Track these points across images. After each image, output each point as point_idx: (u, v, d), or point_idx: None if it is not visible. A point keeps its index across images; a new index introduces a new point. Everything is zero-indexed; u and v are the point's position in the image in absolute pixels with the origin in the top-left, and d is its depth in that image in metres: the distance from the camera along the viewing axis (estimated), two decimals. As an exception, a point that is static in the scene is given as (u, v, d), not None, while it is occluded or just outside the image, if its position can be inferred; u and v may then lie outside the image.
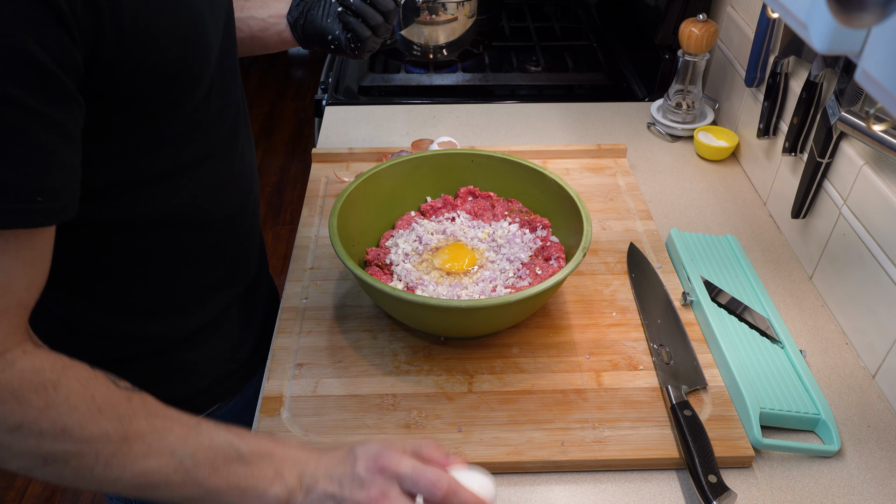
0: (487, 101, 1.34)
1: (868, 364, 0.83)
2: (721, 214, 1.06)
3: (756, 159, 1.11)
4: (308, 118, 3.38)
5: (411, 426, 0.74)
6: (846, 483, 0.71)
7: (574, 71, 1.48)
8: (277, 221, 2.75)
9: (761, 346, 0.81)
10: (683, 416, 0.72)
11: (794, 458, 0.73)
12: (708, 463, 0.68)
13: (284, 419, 0.74)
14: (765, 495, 0.70)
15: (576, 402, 0.77)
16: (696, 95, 1.21)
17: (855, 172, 0.84)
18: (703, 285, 0.88)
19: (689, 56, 1.16)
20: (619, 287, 0.91)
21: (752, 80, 1.08)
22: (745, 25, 1.13)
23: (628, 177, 1.10)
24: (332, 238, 0.79)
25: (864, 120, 0.79)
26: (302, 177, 2.95)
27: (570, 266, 0.77)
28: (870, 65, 0.33)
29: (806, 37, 0.35)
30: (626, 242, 0.98)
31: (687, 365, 0.80)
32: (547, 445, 0.72)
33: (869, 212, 0.82)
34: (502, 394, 0.77)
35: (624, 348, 0.83)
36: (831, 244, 0.89)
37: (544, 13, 1.72)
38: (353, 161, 1.13)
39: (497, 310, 0.75)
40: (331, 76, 1.40)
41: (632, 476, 0.72)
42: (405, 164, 0.93)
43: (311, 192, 1.07)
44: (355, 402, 0.76)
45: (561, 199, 0.88)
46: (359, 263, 0.87)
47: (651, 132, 1.25)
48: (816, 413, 0.74)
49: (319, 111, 1.32)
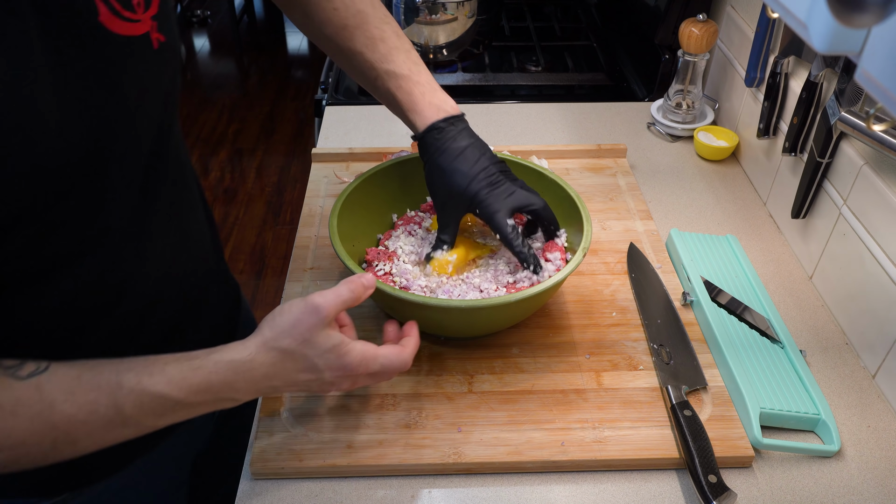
0: (487, 101, 1.34)
1: (868, 364, 0.83)
2: (721, 214, 1.06)
3: (756, 159, 1.11)
4: (308, 118, 3.38)
5: (411, 426, 0.74)
6: (846, 483, 0.71)
7: (574, 71, 1.48)
8: (277, 221, 2.76)
9: (761, 346, 0.81)
10: (683, 416, 0.72)
11: (794, 458, 0.73)
12: (708, 463, 0.68)
13: (284, 419, 0.74)
14: (765, 495, 0.70)
15: (576, 402, 0.77)
16: (696, 95, 1.21)
17: (855, 172, 0.84)
18: (703, 285, 0.88)
19: (689, 56, 1.16)
20: (619, 287, 0.91)
21: (752, 80, 1.08)
22: (745, 25, 1.13)
23: (628, 177, 1.10)
24: (332, 238, 0.79)
25: (864, 120, 0.79)
26: (302, 177, 2.95)
27: (569, 266, 0.77)
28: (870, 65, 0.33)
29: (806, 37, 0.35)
30: (626, 242, 0.98)
31: (687, 365, 0.80)
32: (547, 445, 0.72)
33: (869, 212, 0.82)
34: (502, 394, 0.77)
35: (624, 348, 0.83)
36: (831, 244, 0.89)
37: (544, 13, 1.72)
38: (353, 161, 1.13)
39: (497, 310, 0.75)
40: (331, 76, 1.40)
41: (632, 476, 0.72)
42: (405, 164, 0.93)
43: (311, 192, 1.07)
44: (355, 402, 0.76)
45: (561, 199, 0.88)
46: (358, 263, 0.87)
47: (651, 132, 1.25)
48: (816, 413, 0.74)
49: (319, 111, 1.32)
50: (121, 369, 0.57)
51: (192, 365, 0.59)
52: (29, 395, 0.53)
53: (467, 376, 0.79)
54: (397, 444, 0.72)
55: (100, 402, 0.55)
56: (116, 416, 0.56)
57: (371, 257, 0.87)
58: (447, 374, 0.80)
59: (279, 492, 0.70)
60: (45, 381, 0.54)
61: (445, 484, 0.71)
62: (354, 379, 0.66)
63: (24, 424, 0.53)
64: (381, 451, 0.71)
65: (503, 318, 0.80)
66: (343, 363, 0.63)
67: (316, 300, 0.63)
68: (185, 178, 0.74)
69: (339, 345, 0.63)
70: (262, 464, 0.70)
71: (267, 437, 0.73)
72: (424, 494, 0.70)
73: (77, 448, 0.57)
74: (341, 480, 0.71)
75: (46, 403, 0.53)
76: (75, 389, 0.55)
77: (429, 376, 0.79)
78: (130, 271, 0.65)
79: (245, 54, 4.04)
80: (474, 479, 0.71)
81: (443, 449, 0.72)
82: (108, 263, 0.63)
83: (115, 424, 0.56)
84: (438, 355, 0.82)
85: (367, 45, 0.80)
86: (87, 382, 0.55)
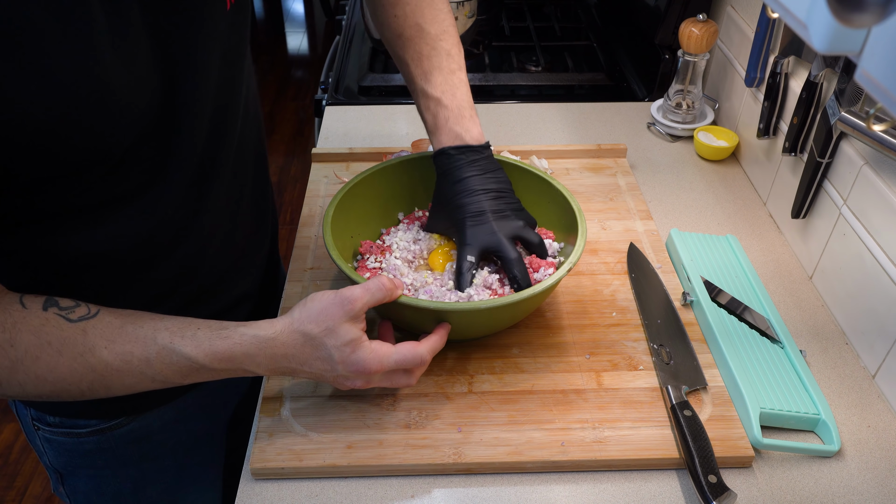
0: (487, 101, 1.34)
1: (868, 364, 0.83)
2: (721, 214, 1.06)
3: (756, 159, 1.11)
4: (308, 118, 3.38)
5: (411, 426, 0.74)
6: (846, 483, 0.71)
7: (574, 71, 1.48)
8: (278, 221, 2.76)
9: (761, 346, 0.81)
10: (683, 417, 0.72)
11: (794, 458, 0.73)
12: (708, 463, 0.68)
13: (284, 418, 0.74)
14: (765, 495, 0.70)
15: (576, 402, 0.77)
16: (696, 95, 1.21)
17: (855, 172, 0.84)
18: (703, 285, 0.88)
19: (689, 56, 1.16)
20: (619, 287, 0.91)
21: (752, 80, 1.08)
22: (745, 25, 1.13)
23: (628, 177, 1.10)
24: (325, 240, 0.79)
25: (864, 120, 0.79)
26: (302, 177, 2.95)
27: (566, 266, 0.77)
28: (870, 65, 0.33)
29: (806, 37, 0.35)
30: (626, 242, 0.98)
31: (687, 365, 0.80)
32: (547, 445, 0.72)
33: (869, 212, 0.82)
34: (502, 394, 0.77)
35: (624, 348, 0.83)
36: (831, 244, 0.89)
37: (544, 13, 1.72)
38: (353, 161, 1.13)
39: (493, 312, 0.74)
40: (331, 76, 1.40)
41: (632, 476, 0.72)
42: (416, 163, 0.92)
43: (311, 192, 1.07)
44: (355, 402, 0.76)
45: (552, 198, 0.88)
46: (353, 254, 0.88)
47: (651, 132, 1.25)
48: (816, 413, 0.74)
49: (319, 111, 1.32)
50: (158, 327, 0.62)
51: (221, 334, 0.63)
52: (74, 338, 0.59)
53: (467, 376, 0.79)
54: (397, 444, 0.72)
55: (134, 354, 0.60)
56: (147, 370, 0.61)
57: (364, 250, 0.87)
58: (447, 374, 0.80)
59: (279, 492, 0.70)
60: (91, 327, 0.60)
61: (445, 484, 0.71)
62: (368, 378, 0.67)
63: (66, 363, 0.58)
64: (381, 451, 0.71)
65: (500, 320, 0.80)
66: (355, 358, 0.65)
67: (347, 293, 0.66)
68: (248, 140, 0.78)
69: (356, 340, 0.65)
70: (262, 464, 0.70)
71: (267, 437, 0.73)
72: (424, 494, 0.70)
73: (110, 391, 0.62)
74: (341, 480, 0.71)
75: (88, 347, 0.59)
76: (116, 338, 0.60)
77: (429, 376, 0.79)
78: (185, 225, 0.70)
79: (245, 54, 4.03)
80: (474, 479, 0.71)
81: (443, 449, 0.72)
82: (168, 212, 0.67)
83: (145, 377, 0.62)
84: (438, 355, 0.81)
85: (413, 59, 0.84)
86: (128, 334, 0.61)
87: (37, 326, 0.58)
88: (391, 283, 0.70)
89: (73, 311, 0.60)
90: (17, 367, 0.57)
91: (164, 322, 0.63)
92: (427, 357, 0.69)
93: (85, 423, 0.79)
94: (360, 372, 0.66)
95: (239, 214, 0.80)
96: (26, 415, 0.81)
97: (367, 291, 0.67)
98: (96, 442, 0.81)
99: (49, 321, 0.59)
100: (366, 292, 0.66)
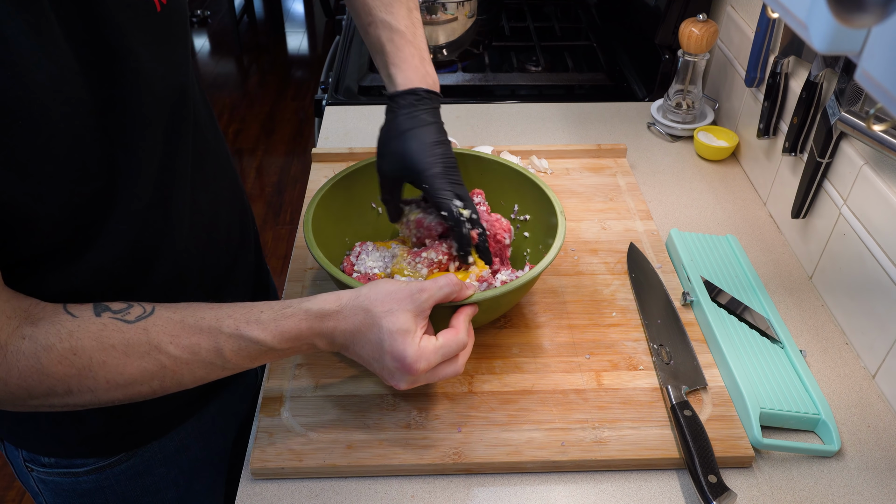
0: (487, 101, 1.34)
1: (868, 364, 0.83)
2: (721, 214, 1.06)
3: (756, 159, 1.11)
4: (308, 118, 3.38)
5: (411, 426, 0.74)
6: (846, 483, 0.71)
7: (574, 71, 1.48)
8: (277, 221, 2.75)
9: (761, 346, 0.81)
10: (683, 416, 0.72)
11: (794, 458, 0.73)
12: (708, 463, 0.68)
13: (284, 419, 0.74)
14: (765, 495, 0.70)
15: (576, 402, 0.77)
16: (696, 95, 1.21)
17: (855, 172, 0.84)
18: (703, 285, 0.88)
19: (689, 56, 1.16)
20: (619, 287, 0.91)
21: (752, 80, 1.08)
22: (745, 25, 1.13)
23: (628, 177, 1.10)
24: (307, 241, 0.78)
25: (864, 120, 0.79)
26: (302, 177, 2.95)
27: (549, 257, 0.76)
28: (870, 65, 0.33)
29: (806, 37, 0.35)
30: (626, 242, 0.98)
31: (687, 365, 0.80)
32: (547, 445, 0.72)
33: (869, 212, 0.82)
34: (502, 394, 0.77)
35: (624, 348, 0.83)
36: (831, 244, 0.89)
37: (544, 13, 1.72)
38: (353, 161, 1.12)
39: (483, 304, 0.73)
40: (331, 76, 1.40)
41: (632, 476, 0.72)
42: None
43: (311, 192, 1.07)
44: (355, 402, 0.76)
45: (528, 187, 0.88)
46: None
47: (651, 132, 1.25)
48: (816, 413, 0.74)
49: (319, 111, 1.32)
50: (220, 315, 0.62)
51: (285, 313, 0.63)
52: (138, 337, 0.58)
53: (467, 376, 0.79)
54: (397, 444, 0.72)
55: (201, 346, 0.60)
56: (217, 359, 0.61)
57: None
58: (447, 374, 0.80)
59: (279, 492, 0.70)
60: (152, 325, 0.59)
61: (445, 484, 0.71)
62: (414, 379, 0.64)
63: (135, 363, 0.58)
64: (381, 451, 0.71)
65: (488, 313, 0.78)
66: (401, 352, 0.62)
67: (418, 283, 0.65)
68: (208, 149, 0.75)
69: (410, 331, 0.63)
70: (262, 464, 0.70)
71: (267, 437, 0.73)
72: (424, 494, 0.70)
73: (182, 385, 0.62)
74: (341, 480, 0.71)
75: (153, 345, 0.59)
76: (179, 333, 0.60)
77: (429, 376, 0.79)
78: (154, 245, 0.68)
79: (245, 54, 4.04)
80: (474, 479, 0.71)
81: (443, 449, 0.72)
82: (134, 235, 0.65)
83: (216, 366, 0.62)
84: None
85: None
86: (190, 326, 0.60)
87: (96, 332, 0.57)
88: (461, 282, 0.69)
89: (128, 312, 0.59)
90: (85, 374, 0.56)
91: (224, 310, 0.62)
92: (467, 340, 0.67)
93: (82, 462, 0.76)
94: (404, 370, 0.63)
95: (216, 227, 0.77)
96: (17, 457, 0.78)
97: (437, 286, 0.66)
98: (95, 480, 0.78)
99: (107, 326, 0.58)
100: (436, 287, 0.66)
